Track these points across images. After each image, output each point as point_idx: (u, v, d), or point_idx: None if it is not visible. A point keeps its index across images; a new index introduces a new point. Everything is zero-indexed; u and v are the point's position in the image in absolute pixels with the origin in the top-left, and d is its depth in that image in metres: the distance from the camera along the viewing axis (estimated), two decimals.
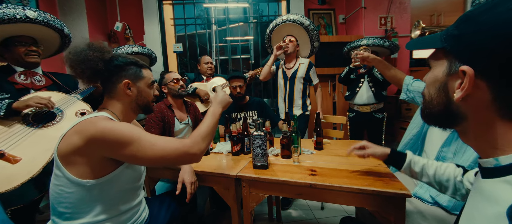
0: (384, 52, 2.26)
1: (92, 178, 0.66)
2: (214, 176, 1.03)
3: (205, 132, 0.76)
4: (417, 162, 0.76)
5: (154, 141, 0.67)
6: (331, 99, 2.95)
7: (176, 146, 0.68)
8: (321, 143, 1.29)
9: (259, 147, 1.00)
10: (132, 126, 0.69)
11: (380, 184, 0.80)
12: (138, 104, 0.82)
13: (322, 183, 0.83)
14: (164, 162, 0.68)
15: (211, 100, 0.89)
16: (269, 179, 0.92)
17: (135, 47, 2.06)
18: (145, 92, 0.82)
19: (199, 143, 0.73)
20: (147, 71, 0.84)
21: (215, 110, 0.84)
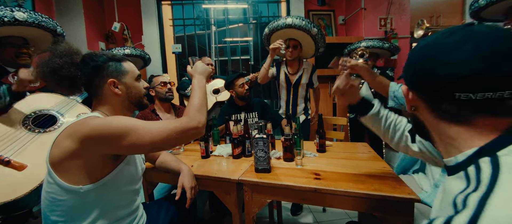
0: (384, 54, 2.25)
1: (88, 183, 0.63)
2: (214, 180, 0.99)
3: (199, 105, 0.73)
4: (384, 113, 0.77)
5: (150, 126, 0.64)
6: (331, 100, 2.93)
7: (174, 125, 0.66)
8: (323, 145, 1.26)
9: (261, 150, 0.97)
10: (125, 117, 0.66)
11: (387, 189, 0.77)
12: (131, 101, 0.78)
13: (328, 188, 0.81)
14: (166, 143, 0.65)
15: (190, 72, 0.87)
16: (272, 184, 0.89)
17: (127, 49, 2.05)
18: (134, 87, 0.78)
19: (196, 115, 0.70)
20: (129, 64, 0.79)
21: (200, 81, 0.81)
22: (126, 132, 0.61)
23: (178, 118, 0.72)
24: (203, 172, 1.03)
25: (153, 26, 2.83)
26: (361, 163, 1.04)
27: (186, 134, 0.67)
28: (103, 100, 0.74)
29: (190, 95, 0.77)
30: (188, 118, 0.69)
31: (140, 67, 2.25)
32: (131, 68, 0.79)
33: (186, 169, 1.00)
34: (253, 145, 0.99)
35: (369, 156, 1.15)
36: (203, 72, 0.85)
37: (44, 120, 1.13)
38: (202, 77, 0.84)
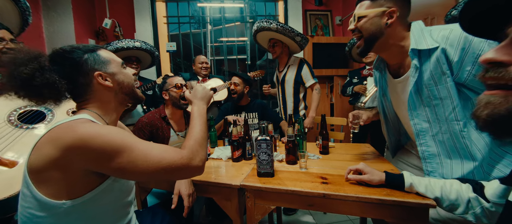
0: None
1: (68, 198, 0.54)
2: (214, 186, 0.93)
3: (202, 137, 0.66)
4: (419, 183, 0.72)
5: (148, 151, 0.55)
6: (328, 100, 2.91)
7: (173, 159, 0.57)
8: (327, 147, 1.22)
9: (264, 153, 0.92)
10: (122, 131, 0.57)
11: (399, 194, 0.73)
12: (125, 93, 0.69)
13: (337, 193, 0.76)
14: (158, 176, 0.57)
15: (189, 98, 0.79)
16: (277, 189, 0.83)
17: (137, 41, 1.85)
18: (123, 75, 0.69)
19: (199, 152, 0.62)
20: (107, 52, 0.69)
21: (200, 109, 0.74)
22: (119, 151, 0.52)
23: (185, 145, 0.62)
24: (201, 177, 0.96)
25: (147, 24, 2.72)
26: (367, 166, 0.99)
27: (184, 172, 0.60)
28: (93, 98, 0.65)
29: (190, 124, 0.69)
30: (191, 153, 0.60)
31: (147, 65, 2.11)
32: (111, 55, 0.69)
33: None
34: (255, 148, 0.93)
35: (375, 157, 1.12)
36: (203, 97, 0.77)
37: (31, 116, 1.04)
38: (203, 103, 0.76)
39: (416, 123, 0.81)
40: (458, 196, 0.65)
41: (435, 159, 0.80)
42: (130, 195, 0.71)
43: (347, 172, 0.83)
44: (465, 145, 0.72)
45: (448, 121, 0.73)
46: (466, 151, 0.73)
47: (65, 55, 0.62)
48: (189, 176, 0.63)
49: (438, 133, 0.77)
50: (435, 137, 0.78)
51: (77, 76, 0.62)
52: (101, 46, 0.71)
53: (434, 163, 0.80)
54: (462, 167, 0.75)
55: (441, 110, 0.74)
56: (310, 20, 3.06)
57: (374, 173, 0.77)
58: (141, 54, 1.95)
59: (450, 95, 0.71)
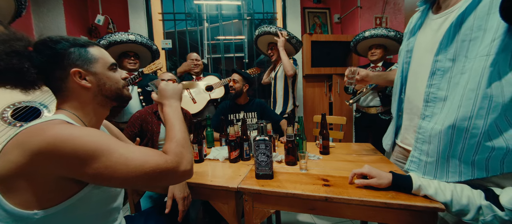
0: (392, 45, 2.08)
1: (41, 208, 0.48)
2: (209, 188, 0.88)
3: (183, 138, 0.60)
4: (428, 185, 0.68)
5: (128, 154, 0.50)
6: (327, 99, 2.88)
7: (157, 162, 0.51)
8: (327, 147, 1.18)
9: (263, 154, 0.87)
10: (100, 133, 0.52)
11: (405, 197, 0.69)
12: (106, 96, 0.64)
13: (340, 197, 0.71)
14: (141, 182, 0.51)
15: (157, 100, 0.73)
16: (276, 192, 0.79)
17: (132, 35, 1.76)
18: (108, 78, 0.64)
19: (185, 154, 0.57)
20: (99, 50, 0.64)
21: (173, 108, 0.68)
22: (95, 155, 0.47)
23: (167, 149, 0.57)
24: (197, 179, 0.92)
25: (141, 20, 2.65)
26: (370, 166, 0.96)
27: (172, 177, 0.54)
28: (70, 96, 0.60)
29: (167, 127, 0.63)
30: (177, 157, 0.55)
31: (149, 61, 2.03)
32: (102, 54, 0.64)
33: None
34: (254, 149, 0.88)
35: (377, 158, 1.08)
36: (174, 94, 0.71)
37: (26, 113, 0.99)
38: (175, 100, 0.70)
39: (438, 60, 0.71)
40: (469, 201, 0.62)
41: (438, 103, 0.71)
42: (116, 201, 0.66)
43: (351, 176, 0.79)
44: (479, 86, 0.61)
45: (477, 57, 0.63)
46: (475, 94, 0.62)
47: (48, 44, 0.57)
48: (178, 181, 0.58)
49: (457, 75, 0.67)
50: (452, 79, 0.68)
51: (53, 68, 0.57)
52: (95, 43, 0.66)
53: (436, 107, 0.72)
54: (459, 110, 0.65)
55: (476, 45, 0.64)
56: (308, 17, 3.02)
57: (382, 176, 0.73)
58: (138, 49, 1.88)
59: (498, 26, 0.59)
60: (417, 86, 0.80)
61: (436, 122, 0.70)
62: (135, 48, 1.86)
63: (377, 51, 2.01)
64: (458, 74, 0.67)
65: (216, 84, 2.09)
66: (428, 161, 0.73)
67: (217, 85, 2.10)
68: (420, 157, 0.75)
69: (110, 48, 1.76)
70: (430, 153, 0.72)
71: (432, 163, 0.72)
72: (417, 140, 0.76)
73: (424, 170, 0.74)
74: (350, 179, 0.79)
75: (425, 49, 0.78)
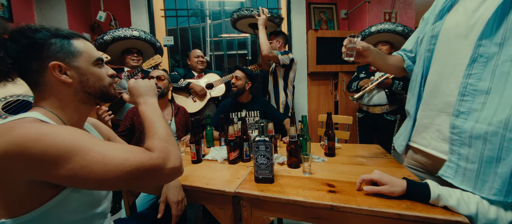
0: (398, 41, 1.96)
1: (9, 217, 0.43)
2: (205, 192, 0.82)
3: (167, 134, 0.56)
4: (449, 195, 0.59)
5: (106, 152, 0.45)
6: (332, 98, 2.79)
7: (141, 160, 0.47)
8: (333, 148, 1.10)
9: (263, 156, 0.80)
10: (74, 130, 0.47)
11: (422, 207, 0.61)
12: (88, 93, 0.59)
13: (347, 205, 0.64)
14: (129, 183, 0.47)
15: (131, 101, 0.68)
16: (276, 198, 0.72)
17: (135, 31, 1.72)
18: (92, 74, 0.59)
19: (171, 151, 0.52)
20: (84, 43, 0.59)
21: (150, 105, 0.63)
22: (69, 154, 0.42)
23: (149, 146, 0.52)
24: (192, 182, 0.86)
25: (143, 16, 2.61)
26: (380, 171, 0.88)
27: (159, 176, 0.49)
28: (48, 91, 0.55)
29: (147, 126, 0.58)
30: (162, 153, 0.50)
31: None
32: (87, 48, 0.59)
33: None
34: (253, 150, 0.82)
35: (387, 161, 1.00)
36: (147, 91, 0.65)
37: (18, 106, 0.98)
38: (150, 97, 0.65)
39: (482, 45, 0.60)
40: (498, 216, 0.53)
41: (478, 97, 0.61)
42: (100, 205, 0.60)
43: (359, 182, 0.72)
44: None
45: None
46: None
47: (26, 33, 0.52)
48: (167, 179, 0.52)
49: (505, 62, 0.57)
50: (499, 67, 0.58)
51: (30, 60, 0.52)
52: (80, 35, 0.61)
53: (475, 102, 0.61)
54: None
55: None
56: (314, 13, 2.92)
57: (395, 182, 0.65)
58: (141, 45, 1.84)
59: None
60: (445, 77, 0.70)
61: (478, 120, 0.59)
62: (138, 45, 1.82)
63: (383, 47, 1.90)
64: (508, 62, 0.56)
65: (216, 82, 2.04)
66: (468, 167, 0.62)
67: (218, 82, 2.04)
68: (458, 163, 0.64)
69: (113, 44, 1.73)
70: (471, 158, 0.61)
71: (473, 171, 0.61)
72: (453, 142, 0.66)
73: (462, 178, 0.63)
74: (358, 186, 0.72)
75: (457, 33, 0.67)
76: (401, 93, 1.78)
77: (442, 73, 0.72)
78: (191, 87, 1.93)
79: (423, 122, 0.79)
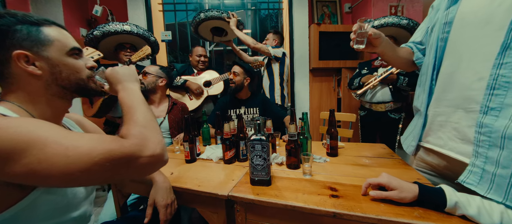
0: (403, 36, 1.87)
1: None
2: (197, 195, 0.76)
3: (148, 119, 0.49)
4: (468, 203, 0.52)
5: (71, 142, 0.39)
6: (335, 95, 2.70)
7: (111, 148, 0.41)
8: (335, 148, 1.03)
9: (259, 157, 0.74)
10: (34, 122, 0.41)
11: (436, 216, 0.54)
12: (63, 86, 0.53)
13: (352, 213, 0.57)
14: (99, 176, 0.41)
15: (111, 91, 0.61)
16: (273, 203, 0.65)
17: (127, 25, 1.64)
18: (66, 65, 0.53)
19: (150, 137, 0.46)
20: (56, 30, 0.53)
21: (131, 91, 0.56)
22: (24, 148, 0.37)
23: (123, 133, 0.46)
24: (183, 183, 0.80)
25: (140, 11, 2.54)
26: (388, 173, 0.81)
27: (135, 165, 0.43)
28: (14, 84, 0.49)
29: (126, 113, 0.51)
30: (138, 139, 0.44)
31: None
32: (61, 36, 0.53)
33: (161, 180, 0.77)
34: (248, 150, 0.75)
35: (394, 162, 0.93)
36: (125, 77, 0.59)
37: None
38: (129, 82, 0.58)
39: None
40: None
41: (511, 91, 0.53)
42: (78, 208, 0.55)
43: (365, 186, 0.65)
44: None
45: None
46: None
47: None
48: (146, 170, 0.45)
49: None
50: None
51: None
52: (53, 22, 0.55)
53: (508, 96, 0.53)
54: None
55: None
56: (317, 7, 2.82)
57: (405, 187, 0.58)
58: (135, 40, 1.77)
59: None
60: (462, 69, 0.62)
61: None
62: (131, 40, 1.76)
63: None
64: None
65: (214, 79, 1.97)
66: (498, 173, 0.53)
67: (216, 80, 1.97)
68: (484, 167, 0.56)
69: (104, 39, 1.66)
70: (503, 161, 0.52)
71: (505, 177, 0.52)
72: (480, 143, 0.57)
73: (488, 185, 0.54)
74: (363, 190, 0.65)
75: (477, 19, 0.59)
76: (406, 89, 1.69)
77: (459, 64, 0.63)
78: (187, 85, 1.87)
79: (437, 120, 0.71)
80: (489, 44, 0.56)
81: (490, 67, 0.55)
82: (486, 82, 0.56)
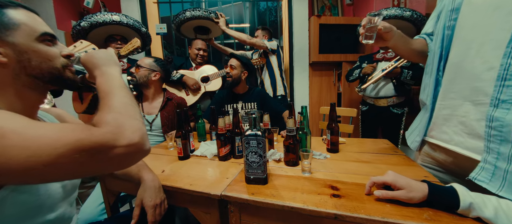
0: (406, 28, 1.78)
1: None
2: (188, 194, 0.71)
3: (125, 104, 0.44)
4: (483, 204, 0.47)
5: (31, 132, 0.34)
6: (335, 89, 2.64)
7: (79, 137, 0.35)
8: (336, 144, 0.98)
9: (254, 153, 0.68)
10: None
11: (448, 219, 0.49)
12: (33, 76, 0.47)
13: (355, 215, 0.52)
14: (61, 172, 0.35)
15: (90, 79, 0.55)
16: (269, 204, 0.60)
17: (116, 15, 1.55)
18: (35, 52, 0.47)
19: (125, 122, 0.40)
20: (23, 14, 0.47)
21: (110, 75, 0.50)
22: None
23: (95, 120, 0.40)
24: (174, 182, 0.75)
25: (134, 3, 2.46)
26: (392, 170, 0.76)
27: (108, 157, 0.37)
28: None
29: (100, 98, 0.45)
30: (111, 127, 0.38)
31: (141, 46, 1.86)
32: (28, 20, 0.47)
33: (149, 178, 0.71)
34: (243, 146, 0.70)
35: (398, 159, 0.88)
36: (103, 61, 0.52)
37: None
38: (107, 66, 0.51)
39: None
40: None
41: None
42: (53, 210, 0.50)
43: (369, 185, 0.60)
44: None
45: None
46: None
47: None
48: (123, 161, 0.40)
49: None
50: None
51: None
52: (20, 4, 0.49)
53: None
54: None
55: None
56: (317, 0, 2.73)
57: (413, 187, 0.53)
58: (125, 32, 1.69)
59: None
60: (470, 58, 0.57)
61: None
62: (122, 31, 1.68)
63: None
64: None
65: (212, 75, 1.90)
66: (510, 169, 0.49)
67: (214, 76, 1.90)
68: (496, 164, 0.52)
69: (93, 31, 1.59)
70: None
71: None
72: (491, 137, 0.53)
73: (502, 182, 0.51)
74: (367, 189, 0.60)
75: (486, 3, 0.54)
76: (410, 83, 1.63)
77: (467, 52, 0.59)
78: (183, 80, 1.81)
79: (442, 113, 0.67)
80: (499, 31, 0.51)
81: (500, 56, 0.51)
82: (497, 72, 0.51)
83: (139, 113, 0.45)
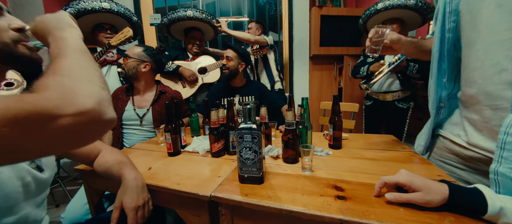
0: (410, 18, 1.69)
1: None
2: (175, 195, 0.63)
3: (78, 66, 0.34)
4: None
5: None
6: (336, 84, 2.56)
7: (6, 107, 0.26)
8: (339, 139, 0.90)
9: (249, 149, 0.61)
10: None
11: None
12: None
13: (365, 221, 0.45)
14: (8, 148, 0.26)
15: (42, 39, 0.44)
16: (265, 207, 0.53)
17: (105, 2, 1.46)
18: None
19: (76, 85, 0.31)
20: None
21: (65, 36, 0.40)
22: None
23: (35, 86, 0.31)
24: (160, 181, 0.67)
25: None
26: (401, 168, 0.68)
27: (55, 129, 0.28)
28: None
29: (53, 62, 0.35)
30: (54, 92, 0.29)
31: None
32: None
33: (131, 176, 0.64)
34: (237, 140, 0.62)
35: (407, 155, 0.80)
36: (57, 25, 0.42)
37: None
38: (61, 31, 0.41)
39: None
40: None
41: None
42: (12, 213, 0.44)
43: (379, 186, 0.52)
44: None
45: None
46: None
47: None
48: (76, 134, 0.30)
49: None
50: None
51: None
52: None
53: None
54: None
55: None
56: None
57: (432, 188, 0.46)
58: (115, 20, 1.59)
59: None
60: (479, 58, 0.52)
61: None
62: (111, 19, 1.58)
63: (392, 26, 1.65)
64: None
65: (210, 66, 1.81)
66: None
67: (212, 67, 1.81)
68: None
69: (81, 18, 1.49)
70: None
71: None
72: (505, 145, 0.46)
73: None
74: (377, 191, 0.52)
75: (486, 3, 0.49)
76: (416, 77, 1.55)
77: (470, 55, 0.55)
78: (180, 71, 1.72)
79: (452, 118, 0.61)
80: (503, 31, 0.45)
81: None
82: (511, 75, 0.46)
83: (100, 78, 0.35)
